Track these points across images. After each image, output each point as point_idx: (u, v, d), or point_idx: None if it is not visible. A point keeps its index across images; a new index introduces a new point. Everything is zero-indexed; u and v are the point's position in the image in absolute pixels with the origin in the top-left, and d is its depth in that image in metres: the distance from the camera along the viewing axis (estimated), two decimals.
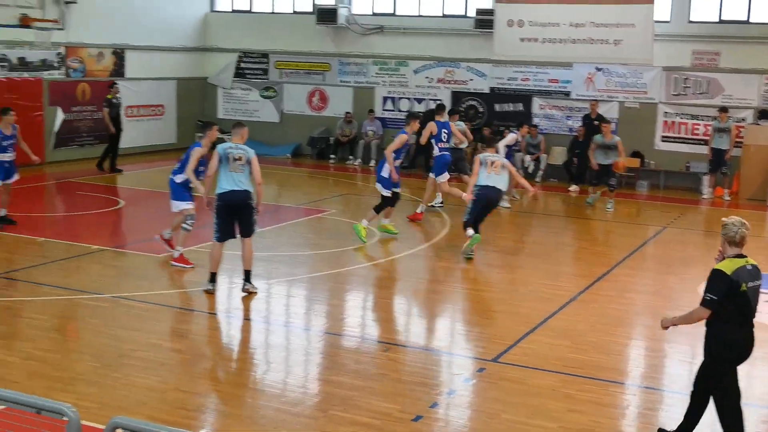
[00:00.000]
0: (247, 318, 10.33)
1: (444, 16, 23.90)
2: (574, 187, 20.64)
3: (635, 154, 21.27)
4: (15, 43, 20.44)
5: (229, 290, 11.20)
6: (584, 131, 20.94)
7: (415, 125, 14.56)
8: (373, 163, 22.75)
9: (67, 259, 12.52)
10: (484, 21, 22.51)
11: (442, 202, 17.37)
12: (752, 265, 6.57)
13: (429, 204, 16.81)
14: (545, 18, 21.73)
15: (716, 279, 6.50)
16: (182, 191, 12.15)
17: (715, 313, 6.55)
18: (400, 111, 24.04)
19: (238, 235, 10.84)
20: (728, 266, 6.49)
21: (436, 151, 15.92)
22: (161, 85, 24.95)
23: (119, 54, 23.61)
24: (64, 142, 21.94)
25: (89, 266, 12.23)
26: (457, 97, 23.59)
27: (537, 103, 22.81)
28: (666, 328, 7.15)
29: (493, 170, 13.26)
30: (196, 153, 11.92)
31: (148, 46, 24.34)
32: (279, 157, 23.68)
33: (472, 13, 23.14)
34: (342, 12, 24.17)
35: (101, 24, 22.69)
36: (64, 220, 14.80)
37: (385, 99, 24.38)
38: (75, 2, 21.32)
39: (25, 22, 17.56)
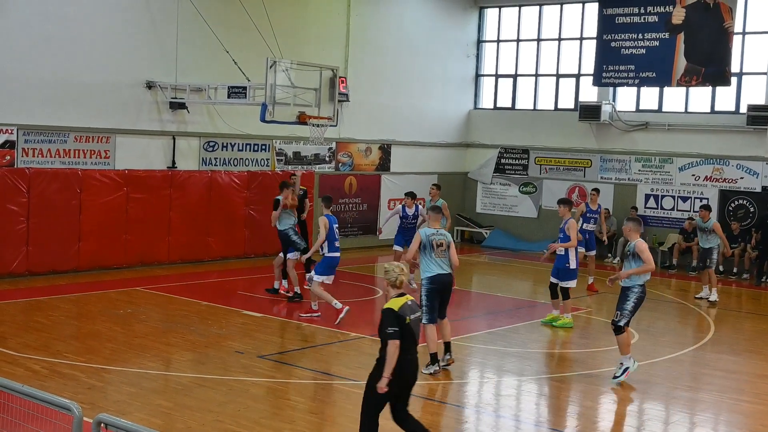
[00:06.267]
0: (496, 414, 10.24)
1: (713, 112, 23.15)
2: None
3: None
4: (292, 139, 22.00)
5: (480, 384, 11.17)
6: None
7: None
8: None
9: (327, 345, 13.05)
10: (758, 117, 21.56)
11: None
12: (411, 300, 7.79)
13: None
14: None
15: (389, 316, 7.57)
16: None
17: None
18: (662, 209, 23.34)
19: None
20: (395, 304, 7.64)
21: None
22: (423, 179, 25.75)
23: (386, 149, 24.73)
24: None
25: (347, 353, 12.68)
26: (726, 196, 22.57)
27: None
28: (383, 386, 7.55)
29: None
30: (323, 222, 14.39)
31: (412, 142, 25.34)
32: (536, 253, 23.54)
33: (743, 109, 22.25)
34: (606, 109, 24.03)
35: (370, 121, 23.94)
36: (325, 307, 15.42)
37: (647, 197, 23.75)
38: (348, 101, 22.67)
39: (302, 119, 18.78)
